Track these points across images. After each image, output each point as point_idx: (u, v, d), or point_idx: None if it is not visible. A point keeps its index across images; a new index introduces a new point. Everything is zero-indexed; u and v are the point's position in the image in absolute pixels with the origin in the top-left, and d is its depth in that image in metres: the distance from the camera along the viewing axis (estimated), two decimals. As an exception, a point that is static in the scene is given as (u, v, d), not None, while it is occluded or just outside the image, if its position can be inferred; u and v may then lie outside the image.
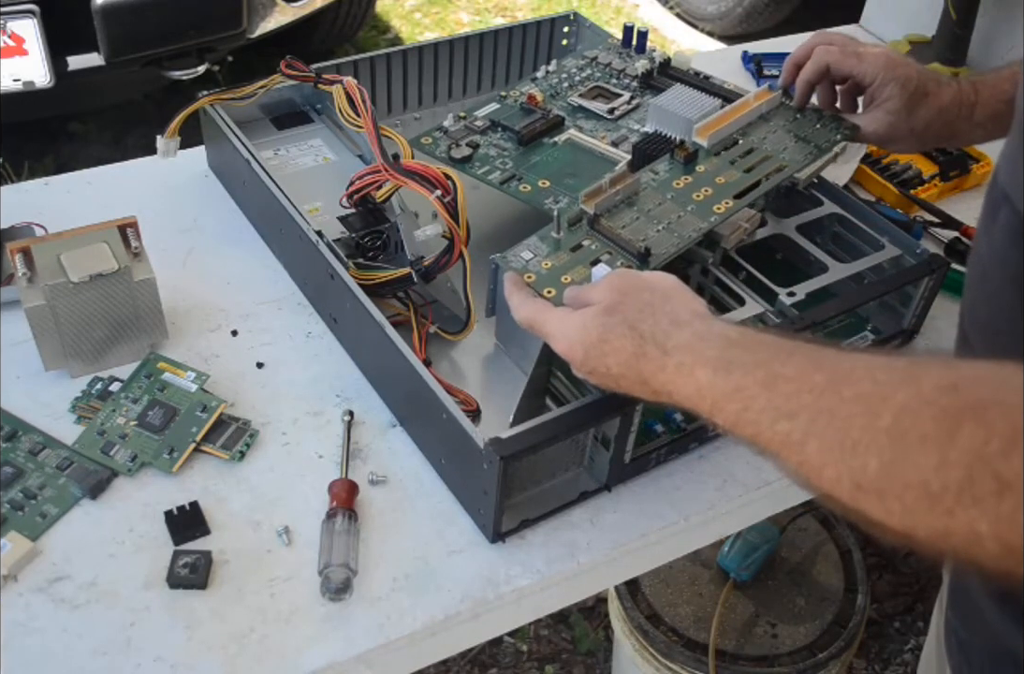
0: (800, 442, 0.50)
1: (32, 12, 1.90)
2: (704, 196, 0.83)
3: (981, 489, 0.42)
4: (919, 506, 0.44)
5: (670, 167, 0.86)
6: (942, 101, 0.88)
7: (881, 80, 0.88)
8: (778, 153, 0.88)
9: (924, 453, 0.44)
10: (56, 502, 0.75)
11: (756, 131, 0.90)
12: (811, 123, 0.92)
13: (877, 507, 0.46)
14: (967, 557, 0.44)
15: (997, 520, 0.42)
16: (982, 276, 0.64)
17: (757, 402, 0.53)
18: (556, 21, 1.16)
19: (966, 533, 0.43)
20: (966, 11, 1.29)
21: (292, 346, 0.89)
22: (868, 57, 0.90)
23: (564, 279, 0.75)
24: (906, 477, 0.44)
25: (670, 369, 0.59)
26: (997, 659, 0.68)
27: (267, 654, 0.68)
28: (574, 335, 0.65)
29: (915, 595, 1.75)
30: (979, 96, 0.87)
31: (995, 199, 0.61)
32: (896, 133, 0.90)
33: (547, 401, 0.81)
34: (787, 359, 0.54)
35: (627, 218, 0.81)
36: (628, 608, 1.31)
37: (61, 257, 0.79)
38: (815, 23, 1.44)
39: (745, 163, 0.87)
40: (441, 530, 0.76)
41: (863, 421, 0.47)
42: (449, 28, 3.32)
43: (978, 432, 0.43)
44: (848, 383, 0.49)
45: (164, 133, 0.99)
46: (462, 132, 0.96)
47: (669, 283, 0.66)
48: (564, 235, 0.79)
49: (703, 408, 0.57)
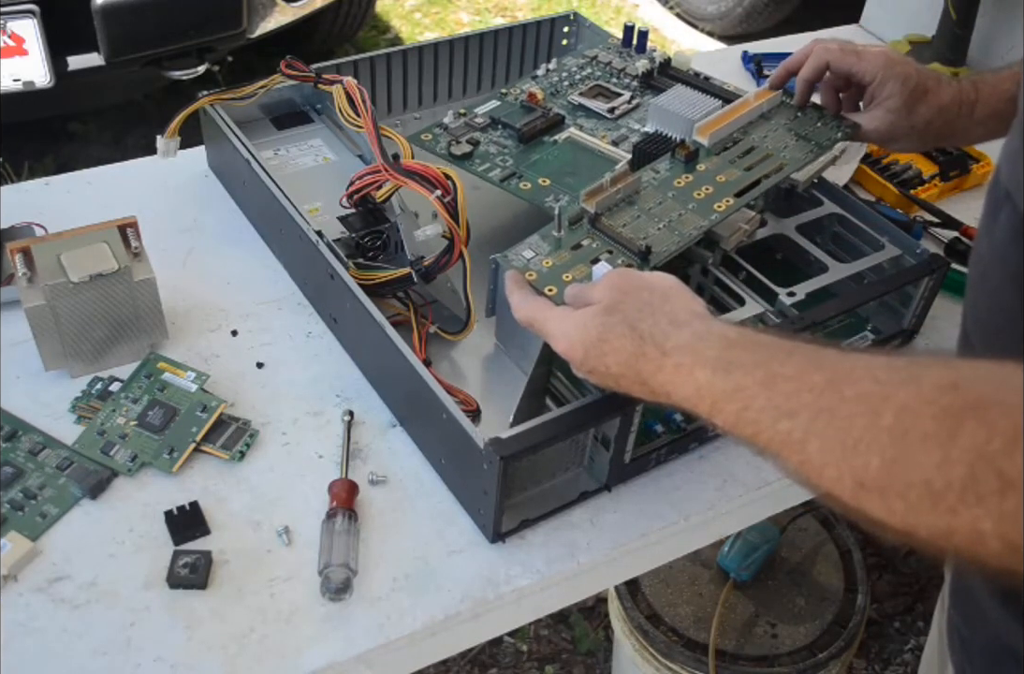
0: (801, 441, 0.50)
1: (32, 12, 1.90)
2: (705, 194, 0.83)
3: (984, 487, 0.42)
4: (922, 504, 0.44)
5: (671, 166, 0.86)
6: (942, 99, 0.88)
7: (881, 78, 0.88)
8: (779, 151, 0.88)
9: (926, 451, 0.44)
10: (56, 502, 0.75)
11: (757, 130, 0.90)
12: (812, 121, 0.92)
13: (879, 506, 0.46)
14: (970, 556, 0.44)
15: (1000, 518, 0.42)
16: (982, 275, 0.64)
17: (757, 401, 0.53)
18: (556, 21, 1.16)
19: (969, 532, 0.43)
20: (966, 11, 1.29)
21: (292, 346, 0.89)
22: (867, 55, 0.90)
23: (565, 277, 0.75)
24: (908, 475, 0.44)
25: (669, 369, 0.59)
26: (999, 657, 0.68)
27: (267, 654, 0.68)
28: (574, 334, 0.65)
29: (915, 595, 1.75)
30: (979, 94, 0.87)
31: (997, 198, 0.61)
32: (897, 131, 0.89)
33: (547, 401, 0.81)
34: (786, 359, 0.54)
35: (628, 217, 0.81)
36: (628, 608, 1.31)
37: (61, 257, 0.79)
38: (815, 23, 1.45)
39: (745, 162, 0.87)
40: (441, 530, 0.76)
41: (864, 420, 0.47)
42: (449, 28, 3.32)
43: (980, 431, 0.43)
44: (849, 382, 0.49)
45: (164, 133, 0.99)
46: (462, 129, 0.96)
47: (669, 283, 0.66)
48: (565, 234, 0.79)
49: (702, 409, 0.57)
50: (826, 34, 1.42)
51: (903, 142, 0.92)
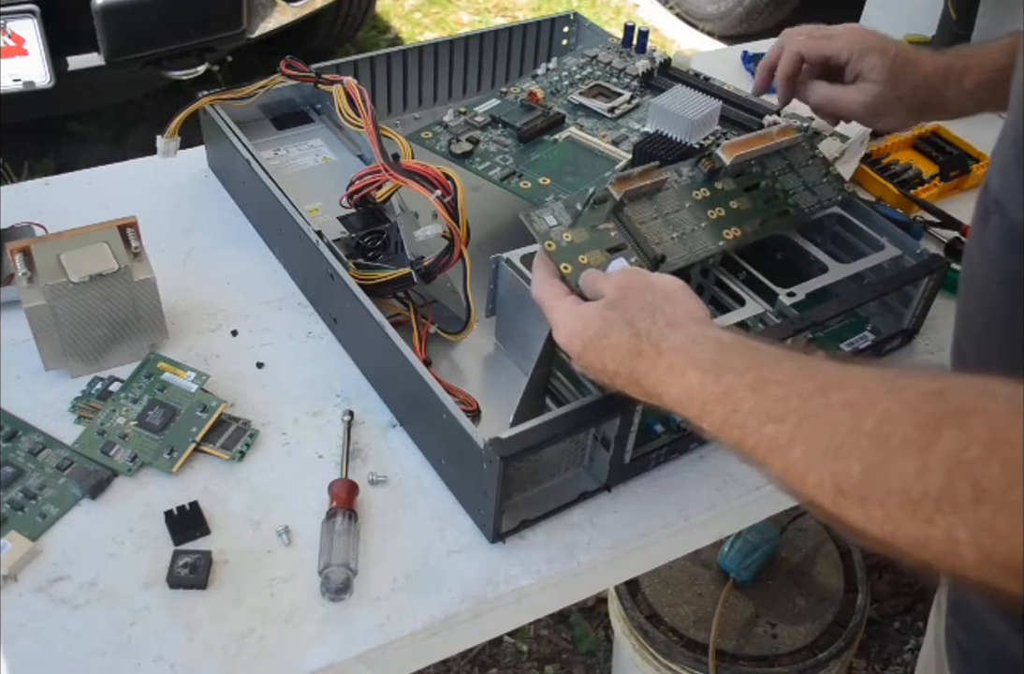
0: (786, 446, 0.49)
1: (32, 12, 1.90)
2: (717, 216, 0.83)
3: (959, 496, 0.41)
4: (900, 512, 0.43)
5: (693, 173, 0.85)
6: (925, 68, 0.86)
7: (859, 52, 0.87)
8: (787, 195, 0.88)
9: (906, 458, 0.43)
10: (56, 502, 0.75)
11: (773, 164, 0.88)
12: (819, 174, 0.90)
13: (859, 513, 0.46)
14: (947, 567, 0.43)
15: (976, 528, 0.41)
16: (974, 282, 0.64)
17: (745, 405, 0.53)
18: (556, 21, 1.16)
19: (945, 541, 0.42)
20: (966, 11, 1.29)
21: (292, 346, 0.89)
22: (839, 35, 0.88)
23: (581, 259, 0.75)
24: (888, 482, 0.44)
25: (662, 369, 0.59)
26: (999, 668, 0.67)
27: (267, 654, 0.68)
28: (575, 327, 0.66)
29: (915, 595, 1.75)
30: (967, 63, 0.86)
31: (986, 205, 0.61)
32: (885, 104, 0.87)
33: (547, 401, 0.81)
34: (777, 365, 0.54)
35: (647, 214, 0.80)
36: (628, 608, 1.31)
37: (61, 257, 0.79)
38: (815, 23, 1.44)
39: (757, 196, 0.86)
40: (441, 530, 0.76)
41: (848, 425, 0.47)
42: (449, 28, 3.32)
43: (959, 438, 0.42)
44: (837, 389, 0.49)
45: (164, 133, 0.99)
46: (462, 127, 0.96)
47: (674, 286, 0.66)
48: (587, 210, 0.78)
49: (692, 411, 0.57)
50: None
51: (892, 116, 0.90)
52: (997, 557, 0.41)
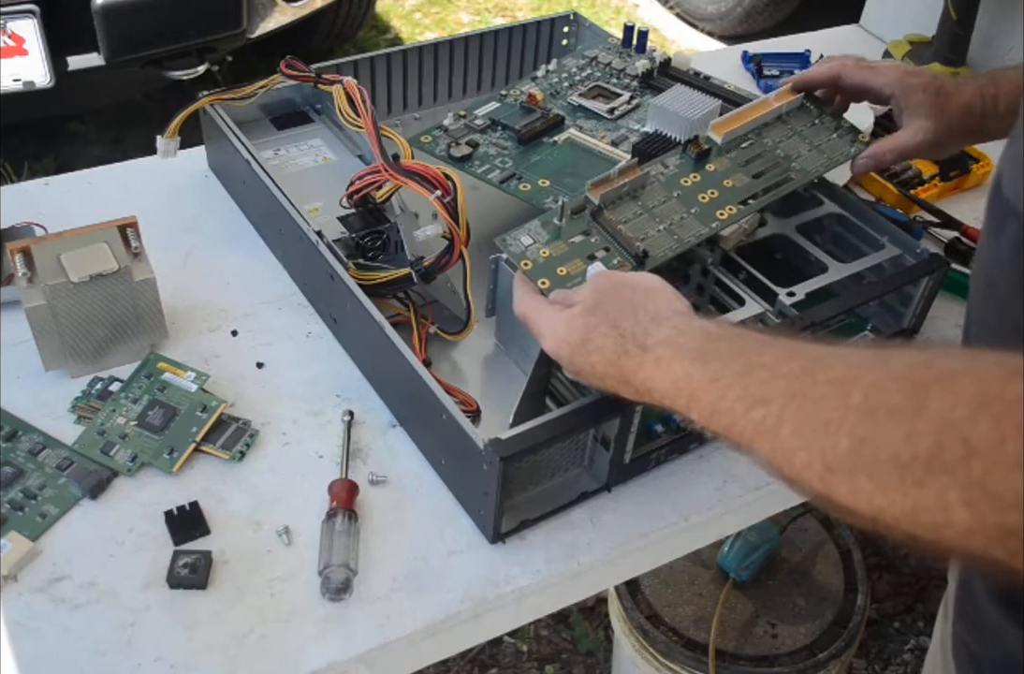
0: (774, 427, 0.50)
1: (32, 12, 1.90)
2: (709, 198, 0.83)
3: (950, 455, 0.41)
4: (888, 480, 0.43)
5: (680, 161, 0.85)
6: (964, 97, 0.87)
7: (902, 88, 0.88)
8: (790, 160, 0.88)
9: (893, 425, 0.44)
10: (56, 502, 0.75)
11: (772, 132, 0.89)
12: (828, 131, 0.91)
13: (846, 488, 0.46)
14: (936, 537, 0.43)
15: (968, 485, 0.41)
16: (988, 286, 0.63)
17: (733, 390, 0.53)
18: (556, 21, 1.16)
19: (935, 507, 0.42)
20: (966, 11, 1.29)
21: (292, 346, 0.89)
22: (882, 69, 0.90)
23: (560, 271, 0.75)
24: (876, 452, 0.44)
25: (650, 365, 0.59)
26: (1009, 673, 0.67)
27: (267, 654, 0.68)
28: (560, 334, 0.66)
29: (915, 595, 1.75)
30: (1000, 88, 0.87)
31: (1001, 211, 0.60)
32: (938, 137, 0.88)
33: (547, 401, 0.81)
34: (764, 349, 0.54)
35: (630, 212, 0.81)
36: (628, 608, 1.31)
37: (61, 257, 0.80)
38: (815, 23, 1.45)
39: (755, 168, 0.86)
40: (441, 530, 0.76)
41: (835, 401, 0.47)
42: (449, 28, 3.32)
43: (946, 399, 0.42)
44: (822, 368, 0.50)
45: (164, 133, 0.99)
46: (462, 130, 0.96)
47: (653, 282, 0.67)
48: (565, 223, 0.78)
49: (680, 403, 0.57)
50: (826, 34, 1.43)
51: (946, 146, 0.91)
52: (989, 518, 0.41)
